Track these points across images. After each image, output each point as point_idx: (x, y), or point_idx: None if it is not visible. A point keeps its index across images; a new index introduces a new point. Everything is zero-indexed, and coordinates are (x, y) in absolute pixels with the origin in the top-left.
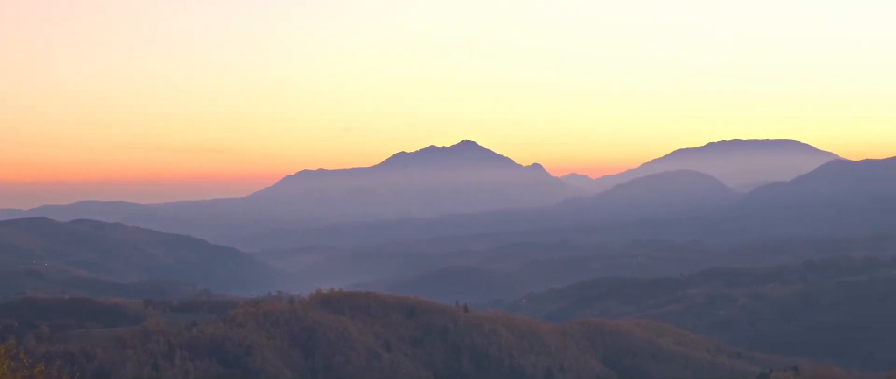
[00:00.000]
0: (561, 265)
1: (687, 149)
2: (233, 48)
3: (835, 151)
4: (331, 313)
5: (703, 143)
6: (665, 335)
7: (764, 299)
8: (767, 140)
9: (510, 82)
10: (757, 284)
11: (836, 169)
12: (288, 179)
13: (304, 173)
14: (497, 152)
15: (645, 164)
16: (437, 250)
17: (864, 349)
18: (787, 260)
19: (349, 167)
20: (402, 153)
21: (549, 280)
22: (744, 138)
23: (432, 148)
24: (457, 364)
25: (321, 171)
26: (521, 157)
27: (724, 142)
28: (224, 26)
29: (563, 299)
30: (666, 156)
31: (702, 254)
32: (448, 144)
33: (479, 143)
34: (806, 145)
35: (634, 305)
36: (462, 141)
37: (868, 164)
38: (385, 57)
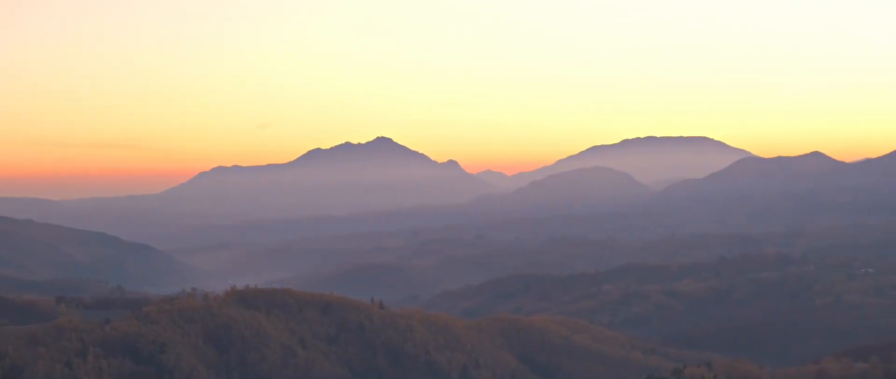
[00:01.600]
0: (476, 262)
1: (601, 146)
2: (148, 43)
3: (747, 148)
4: (246, 310)
5: (617, 141)
6: (580, 331)
7: (678, 296)
8: (681, 137)
9: (426, 79)
10: (671, 281)
11: (749, 166)
12: (203, 176)
13: (219, 170)
14: (412, 149)
15: (560, 161)
16: (353, 247)
17: (777, 345)
18: (700, 256)
19: (264, 164)
20: (317, 150)
21: (465, 277)
22: (658, 135)
23: (347, 144)
24: (373, 361)
25: (236, 168)
26: (437, 153)
27: (638, 139)
28: (139, 21)
29: (479, 296)
30: (581, 153)
31: (616, 250)
32: (363, 141)
33: (395, 140)
34: (719, 142)
35: (549, 302)
36: (377, 138)
37: (780, 161)
38: (300, 53)
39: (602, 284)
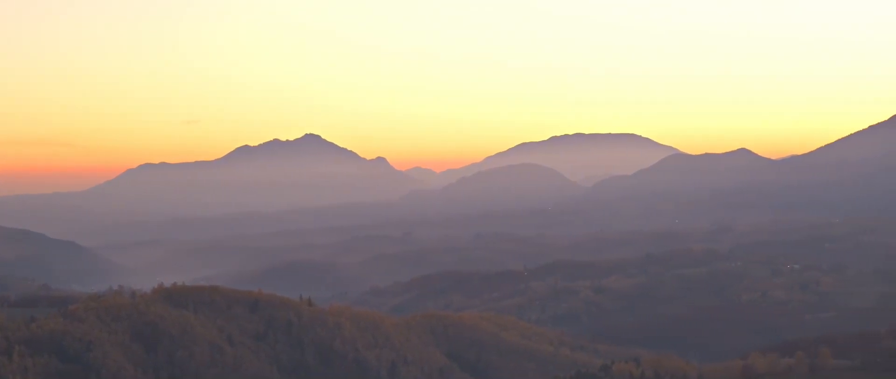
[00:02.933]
0: (405, 259)
1: (530, 143)
2: (74, 39)
3: (675, 145)
4: (173, 308)
5: (545, 138)
6: (508, 328)
7: (606, 292)
8: (609, 134)
9: (354, 76)
10: (599, 277)
11: (676, 163)
12: (130, 173)
13: (147, 167)
14: (341, 146)
15: (488, 158)
16: (281, 244)
17: (704, 341)
18: (628, 253)
19: (192, 161)
20: (246, 147)
21: (394, 274)
22: (586, 132)
23: (276, 141)
24: (301, 358)
25: (164, 165)
26: (365, 150)
27: (566, 136)
28: (65, 17)
29: (408, 293)
30: (509, 150)
31: (545, 247)
32: (291, 138)
33: (323, 137)
34: (647, 139)
35: (478, 298)
36: (306, 134)
37: (707, 158)
38: (228, 50)
39: (531, 280)
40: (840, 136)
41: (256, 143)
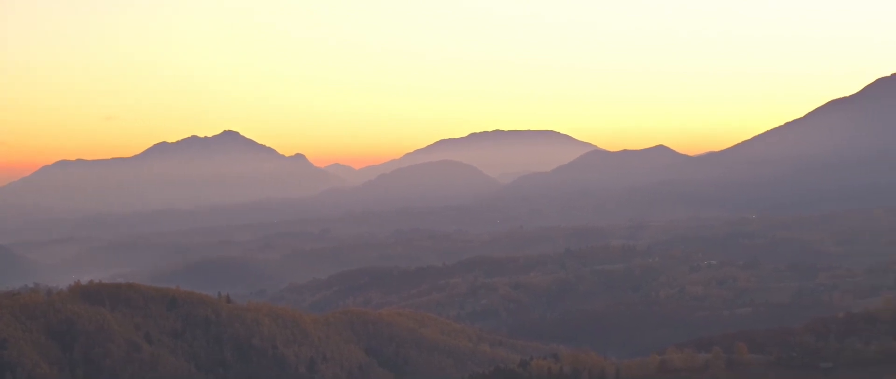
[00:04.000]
0: (324, 255)
1: (449, 139)
2: None
3: (593, 142)
4: (90, 305)
5: (465, 134)
6: (427, 324)
7: (525, 288)
8: (528, 131)
9: (274, 72)
10: (518, 273)
11: (595, 159)
12: (46, 170)
13: (63, 163)
14: (259, 143)
15: (407, 155)
16: (200, 241)
17: (622, 336)
18: (547, 249)
19: (109, 157)
20: (164, 143)
21: (313, 270)
22: (505, 129)
23: (194, 138)
24: (219, 355)
25: (80, 162)
26: (284, 147)
27: (486, 132)
28: None
29: (327, 289)
30: (428, 146)
31: (464, 243)
32: (210, 135)
33: (242, 134)
34: (565, 136)
35: (397, 295)
36: (224, 131)
37: (625, 154)
38: (147, 45)
39: (450, 277)
40: (756, 133)
41: (174, 140)
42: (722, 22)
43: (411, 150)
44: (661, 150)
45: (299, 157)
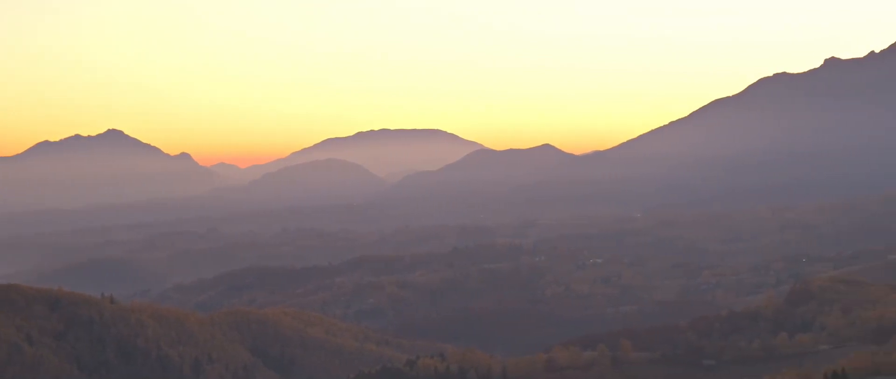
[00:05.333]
0: (209, 255)
1: (336, 138)
2: None
3: (480, 141)
4: None
5: (351, 133)
6: (313, 324)
7: (411, 287)
8: (415, 130)
9: (158, 70)
10: (405, 272)
11: (482, 158)
12: None
13: None
14: (144, 142)
15: (294, 154)
16: (83, 241)
17: (509, 334)
18: (434, 248)
19: None
20: (46, 142)
21: (198, 270)
22: (392, 128)
23: (77, 137)
24: (103, 356)
25: None
26: (169, 146)
27: (372, 131)
28: None
29: (212, 289)
30: (315, 145)
31: (350, 242)
32: (93, 133)
33: (126, 133)
34: (452, 135)
35: (283, 294)
36: (108, 130)
37: (511, 153)
38: (28, 42)
39: (336, 276)
40: (641, 132)
41: (57, 139)
42: (607, 21)
43: (298, 149)
44: (547, 149)
45: (184, 157)
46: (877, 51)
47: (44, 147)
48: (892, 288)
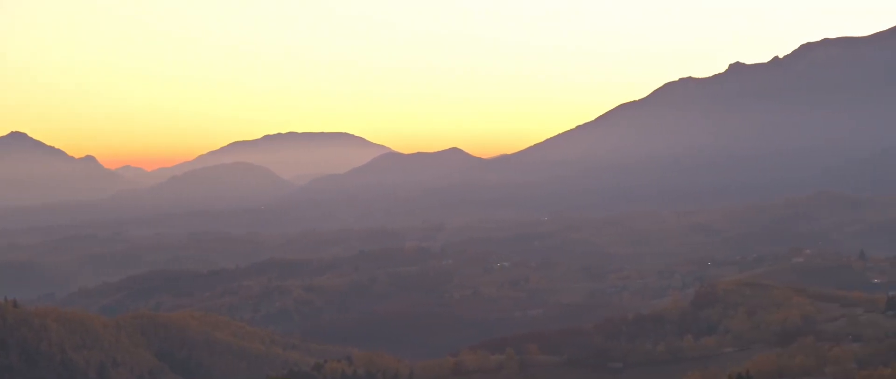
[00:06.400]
0: (115, 258)
1: (243, 141)
2: None
3: (387, 144)
4: None
5: (258, 136)
6: (220, 328)
7: (319, 290)
8: (322, 133)
9: (62, 71)
10: (312, 275)
11: (389, 162)
12: None
13: None
14: (48, 144)
15: (200, 157)
16: None
17: (417, 338)
18: (341, 251)
19: None
20: None
21: (103, 273)
22: (299, 131)
23: None
24: (6, 361)
25: None
26: (74, 149)
27: (279, 135)
28: None
29: (118, 293)
30: (222, 148)
31: (257, 245)
32: None
33: (29, 135)
34: (359, 138)
35: (190, 298)
36: (11, 132)
37: (419, 157)
38: None
39: (243, 279)
40: (549, 136)
41: None
42: (515, 25)
43: (204, 152)
44: (454, 153)
45: (89, 159)
46: (780, 56)
47: None
48: (795, 291)
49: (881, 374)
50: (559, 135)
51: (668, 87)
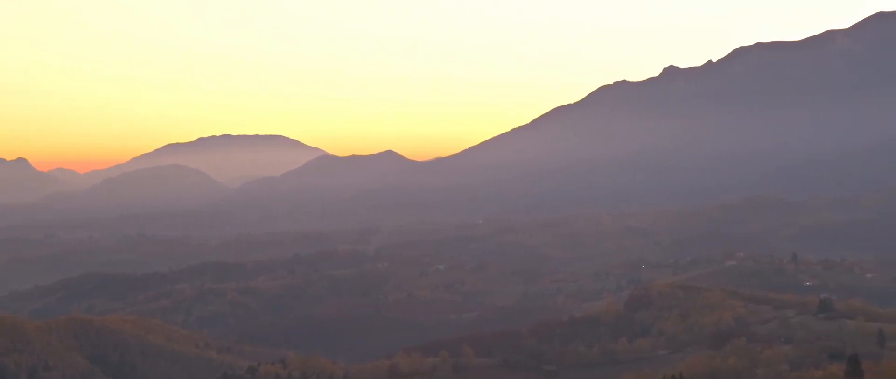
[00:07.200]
0: (47, 261)
1: (177, 144)
2: None
3: (322, 147)
4: None
5: (193, 138)
6: (154, 331)
7: (253, 293)
8: (257, 135)
9: None
10: (246, 278)
11: (324, 164)
12: None
13: None
14: None
15: (134, 159)
16: None
17: (352, 341)
18: (276, 254)
19: None
20: None
21: (35, 277)
22: (234, 134)
23: None
24: None
25: None
26: (5, 151)
27: (213, 137)
28: None
29: (50, 296)
30: (156, 150)
31: (192, 248)
32: None
33: None
34: (294, 141)
35: (123, 301)
36: None
37: (354, 159)
38: None
39: (177, 282)
40: (483, 139)
41: None
42: (451, 29)
43: (138, 155)
44: (389, 156)
45: (21, 161)
46: (714, 60)
47: None
48: (728, 293)
49: (812, 376)
50: (494, 138)
51: (603, 90)
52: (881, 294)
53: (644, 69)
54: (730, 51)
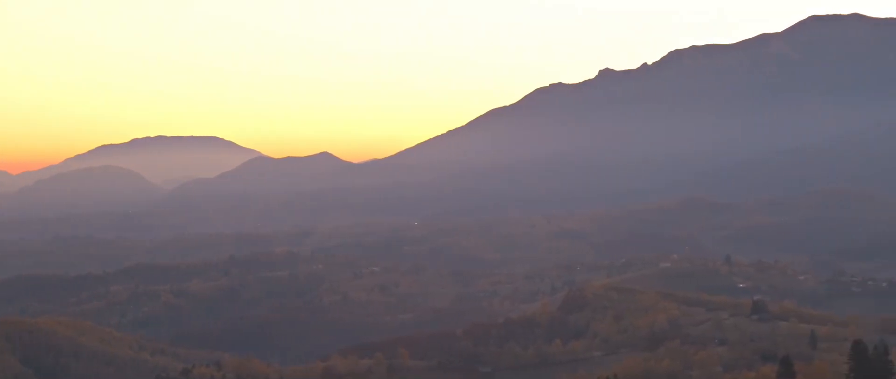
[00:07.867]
0: None
1: (111, 145)
2: None
3: (257, 149)
4: None
5: (127, 139)
6: (87, 333)
7: (187, 295)
8: (192, 137)
9: None
10: (181, 280)
11: (259, 166)
12: None
13: None
14: None
15: (67, 160)
16: None
17: (287, 343)
18: (210, 256)
19: None
20: None
21: None
22: (168, 135)
23: None
24: None
25: None
26: None
27: (148, 138)
28: None
29: None
30: (89, 151)
31: (125, 250)
32: None
33: None
34: (229, 142)
35: (55, 303)
36: None
37: (290, 161)
38: None
39: (110, 284)
40: (419, 141)
41: None
42: (384, 31)
43: (72, 156)
44: (325, 158)
45: None
46: (649, 63)
47: None
48: (663, 295)
49: (745, 377)
50: (430, 139)
51: (539, 92)
52: (813, 296)
53: (579, 72)
54: (665, 54)
